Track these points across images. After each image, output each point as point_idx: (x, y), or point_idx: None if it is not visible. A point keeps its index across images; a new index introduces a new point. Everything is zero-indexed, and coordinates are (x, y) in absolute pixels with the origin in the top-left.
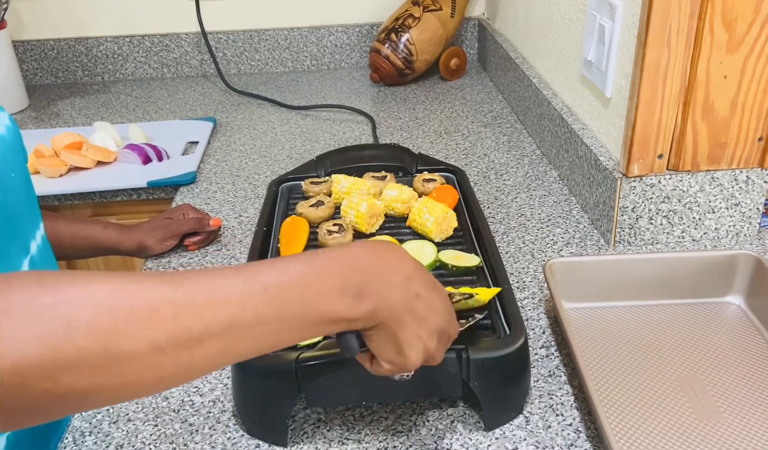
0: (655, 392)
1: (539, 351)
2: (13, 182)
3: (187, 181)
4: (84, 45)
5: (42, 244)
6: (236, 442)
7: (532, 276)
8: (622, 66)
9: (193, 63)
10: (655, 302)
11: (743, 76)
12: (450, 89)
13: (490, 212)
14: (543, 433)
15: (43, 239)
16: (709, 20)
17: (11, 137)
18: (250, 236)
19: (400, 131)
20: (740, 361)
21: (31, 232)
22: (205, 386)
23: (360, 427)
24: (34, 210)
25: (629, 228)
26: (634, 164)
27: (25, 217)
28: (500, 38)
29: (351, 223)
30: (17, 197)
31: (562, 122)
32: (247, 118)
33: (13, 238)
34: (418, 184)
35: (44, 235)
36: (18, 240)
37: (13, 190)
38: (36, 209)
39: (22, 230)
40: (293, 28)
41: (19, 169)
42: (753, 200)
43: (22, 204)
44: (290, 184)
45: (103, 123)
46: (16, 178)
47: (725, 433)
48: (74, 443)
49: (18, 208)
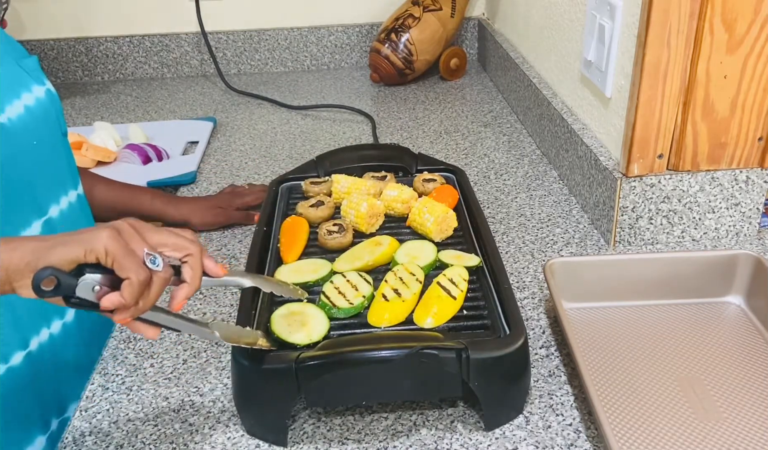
0: (655, 392)
1: (539, 351)
2: (34, 149)
3: (187, 181)
4: (84, 45)
5: (68, 209)
6: (236, 442)
7: (532, 276)
8: (622, 66)
9: (193, 63)
10: (655, 302)
11: (743, 76)
12: (450, 89)
13: (490, 212)
14: (543, 433)
15: (70, 204)
16: (709, 20)
17: (40, 110)
18: (250, 236)
19: (400, 131)
20: (740, 361)
21: (53, 196)
22: (205, 386)
23: (360, 427)
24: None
25: (629, 228)
26: (634, 164)
27: (45, 181)
28: (500, 38)
29: (351, 223)
30: (36, 162)
31: (562, 122)
32: (247, 118)
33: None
34: (418, 184)
35: (74, 201)
36: (30, 201)
37: (32, 155)
38: (64, 175)
39: (37, 192)
40: (293, 28)
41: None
42: (753, 200)
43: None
44: (290, 184)
45: (103, 123)
46: (39, 145)
47: (725, 433)
48: (74, 443)
49: (34, 171)
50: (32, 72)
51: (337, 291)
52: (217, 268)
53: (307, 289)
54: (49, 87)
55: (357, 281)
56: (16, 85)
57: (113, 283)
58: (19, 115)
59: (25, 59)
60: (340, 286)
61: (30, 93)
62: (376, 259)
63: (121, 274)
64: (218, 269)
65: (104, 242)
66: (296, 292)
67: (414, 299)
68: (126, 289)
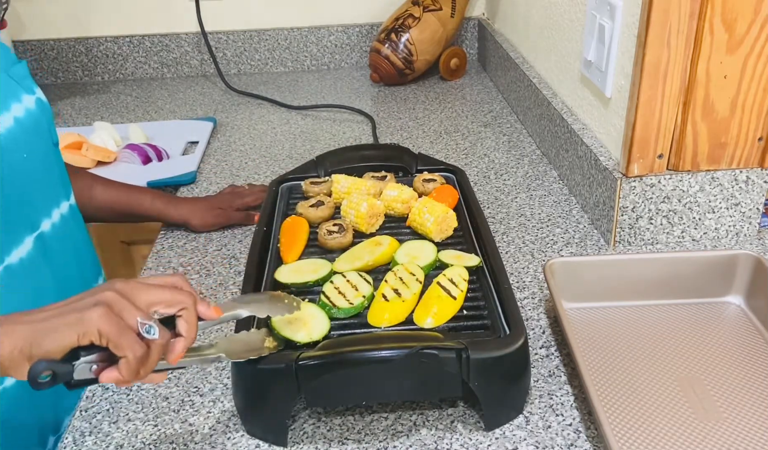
0: (655, 392)
1: (539, 351)
2: (24, 163)
3: (187, 181)
4: (84, 45)
5: (60, 222)
6: (236, 442)
7: (532, 276)
8: (622, 66)
9: (193, 63)
10: (655, 302)
11: (743, 76)
12: (450, 89)
13: (490, 212)
14: (543, 433)
15: (62, 216)
16: (709, 20)
17: (30, 121)
18: (250, 236)
19: (400, 131)
20: (740, 361)
21: (45, 209)
22: (205, 386)
23: (360, 427)
24: (52, 187)
25: (629, 228)
26: (634, 164)
27: (37, 195)
28: (500, 38)
29: (351, 223)
30: (27, 176)
31: (562, 122)
32: (247, 118)
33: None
34: (418, 184)
35: (66, 212)
36: (22, 218)
37: (23, 169)
38: (57, 186)
39: (28, 209)
40: (293, 28)
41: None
42: (753, 200)
43: (34, 182)
44: (290, 184)
45: (103, 123)
46: (29, 158)
47: (725, 433)
48: (74, 443)
49: (25, 187)
50: (21, 80)
51: (337, 291)
52: (211, 311)
53: (308, 289)
54: (39, 95)
55: (357, 281)
56: (5, 96)
57: (110, 356)
58: (9, 129)
59: (14, 66)
60: (340, 286)
61: (20, 103)
62: (376, 259)
63: (117, 353)
64: (212, 313)
65: (96, 324)
66: (291, 304)
67: (414, 299)
68: (123, 367)
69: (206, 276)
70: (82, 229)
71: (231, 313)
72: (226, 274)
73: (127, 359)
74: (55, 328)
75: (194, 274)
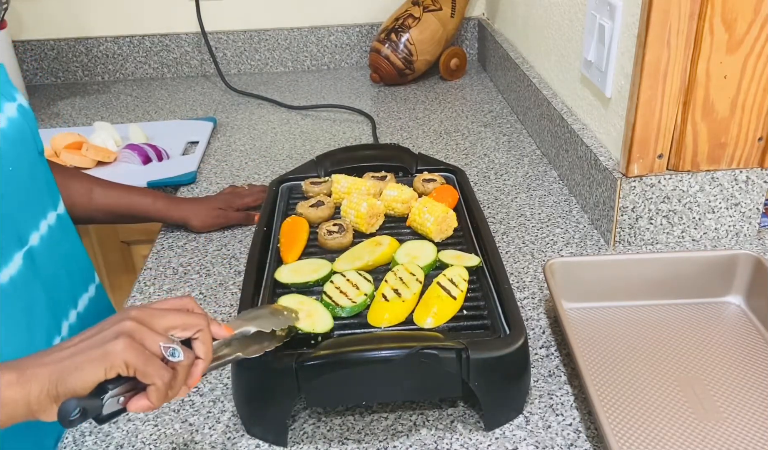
0: (655, 392)
1: (539, 351)
2: (10, 176)
3: (187, 181)
4: (84, 45)
5: (48, 234)
6: (236, 442)
7: (532, 276)
8: (622, 66)
9: (193, 63)
10: (655, 302)
11: (743, 76)
12: (450, 89)
13: (490, 212)
14: (543, 433)
15: (50, 228)
16: (709, 20)
17: (14, 131)
18: (250, 236)
19: (400, 131)
20: (740, 361)
21: (33, 222)
22: (205, 386)
23: (360, 427)
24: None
25: (629, 228)
26: (634, 164)
27: (25, 209)
28: (500, 38)
29: (351, 223)
30: (15, 190)
31: (562, 122)
32: (247, 118)
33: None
34: (418, 184)
35: (54, 223)
36: (10, 235)
37: (9, 184)
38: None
39: (17, 224)
40: (293, 28)
41: (23, 161)
42: (753, 200)
43: (22, 196)
44: (290, 184)
45: (103, 123)
46: (15, 171)
47: (725, 433)
48: (74, 443)
49: (13, 202)
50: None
51: (339, 290)
52: (224, 331)
53: (308, 289)
54: (20, 101)
55: (357, 280)
56: None
57: (136, 384)
58: None
59: None
60: (341, 286)
61: (1, 113)
62: (376, 259)
63: (145, 381)
64: (225, 332)
65: (122, 356)
66: (290, 315)
67: (414, 299)
68: (153, 394)
69: (206, 276)
70: (71, 236)
71: (240, 330)
72: (226, 274)
73: (156, 386)
74: (79, 366)
75: (194, 274)
